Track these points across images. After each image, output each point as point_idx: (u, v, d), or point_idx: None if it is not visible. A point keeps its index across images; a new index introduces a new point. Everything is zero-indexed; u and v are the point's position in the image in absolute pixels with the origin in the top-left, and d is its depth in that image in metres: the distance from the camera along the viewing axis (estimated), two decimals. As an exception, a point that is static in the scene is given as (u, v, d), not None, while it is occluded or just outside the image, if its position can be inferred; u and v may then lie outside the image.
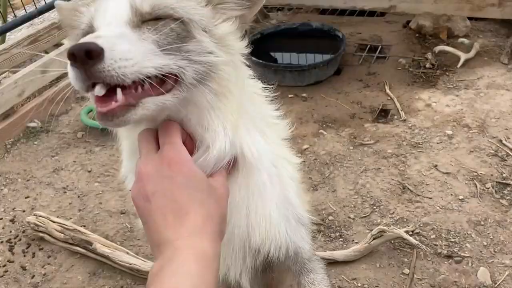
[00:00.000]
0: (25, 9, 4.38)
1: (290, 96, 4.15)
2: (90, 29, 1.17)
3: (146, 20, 1.13)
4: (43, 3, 4.50)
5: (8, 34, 4.43)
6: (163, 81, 1.08)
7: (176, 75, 1.11)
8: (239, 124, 1.24)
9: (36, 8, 4.29)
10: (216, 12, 1.23)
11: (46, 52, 4.49)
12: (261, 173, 1.33)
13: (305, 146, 3.55)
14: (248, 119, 1.28)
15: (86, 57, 0.96)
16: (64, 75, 3.78)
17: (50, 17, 4.64)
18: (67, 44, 4.50)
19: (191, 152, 1.17)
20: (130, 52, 1.02)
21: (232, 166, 1.24)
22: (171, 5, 1.15)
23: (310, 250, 1.48)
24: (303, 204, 1.48)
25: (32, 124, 4.14)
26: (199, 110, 1.18)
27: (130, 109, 1.04)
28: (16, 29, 4.40)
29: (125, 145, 1.33)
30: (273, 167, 1.37)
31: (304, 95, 4.18)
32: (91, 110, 4.03)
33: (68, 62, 1.00)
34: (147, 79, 1.03)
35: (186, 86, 1.13)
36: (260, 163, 1.32)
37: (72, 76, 1.01)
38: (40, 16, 4.41)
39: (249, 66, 1.34)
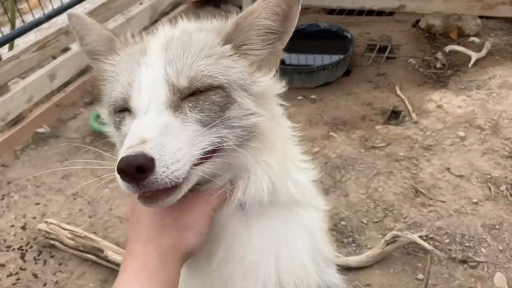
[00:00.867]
0: (32, 13, 4.37)
1: (299, 98, 4.12)
2: (125, 104, 1.14)
3: (185, 97, 1.10)
4: (50, 8, 4.49)
5: (16, 39, 4.43)
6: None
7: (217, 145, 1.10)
8: (279, 168, 1.21)
9: (44, 13, 4.28)
10: (250, 62, 1.18)
11: (54, 57, 4.48)
12: (291, 219, 1.30)
13: (315, 149, 3.52)
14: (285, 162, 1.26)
15: (137, 172, 0.95)
16: (71, 80, 3.72)
17: (57, 22, 4.62)
18: (75, 49, 4.50)
19: None
20: (180, 151, 1.01)
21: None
22: (208, 72, 1.11)
23: (339, 283, 1.43)
24: (329, 244, 1.43)
25: (40, 130, 4.14)
26: (240, 168, 1.17)
27: (174, 190, 1.03)
28: (24, 34, 4.39)
29: None
30: (302, 213, 1.33)
31: (313, 97, 4.15)
32: (100, 115, 4.02)
33: (117, 174, 0.98)
34: None
35: (226, 151, 1.12)
36: (290, 208, 1.29)
37: (123, 185, 1.01)
38: (48, 21, 4.39)
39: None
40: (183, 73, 1.10)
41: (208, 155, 1.09)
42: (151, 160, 0.96)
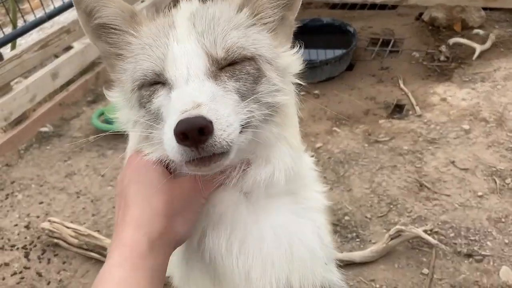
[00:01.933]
0: (34, 13, 4.38)
1: (301, 93, 4.08)
2: (157, 77, 1.13)
3: (223, 67, 1.11)
4: (52, 7, 4.50)
5: (18, 39, 4.43)
6: None
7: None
8: (296, 146, 1.24)
9: (45, 13, 4.28)
10: (272, 35, 1.21)
11: (56, 56, 4.48)
12: (299, 208, 1.30)
13: (318, 145, 3.50)
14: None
15: (199, 134, 0.95)
16: (74, 79, 3.72)
17: (59, 21, 4.62)
18: (77, 47, 4.50)
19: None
20: (230, 116, 1.02)
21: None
22: (242, 44, 1.13)
23: (338, 281, 1.42)
24: (330, 237, 1.43)
25: (44, 129, 4.14)
26: (264, 143, 1.18)
27: (224, 155, 1.03)
28: (26, 34, 4.39)
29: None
30: (308, 197, 1.33)
31: (316, 92, 4.13)
32: (102, 113, 4.02)
33: (173, 139, 0.97)
34: None
35: (254, 127, 1.13)
36: (296, 193, 1.30)
37: (178, 151, 0.99)
38: (49, 20, 4.39)
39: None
40: (219, 44, 1.11)
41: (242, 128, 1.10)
42: (210, 123, 0.96)
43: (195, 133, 0.94)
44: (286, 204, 1.28)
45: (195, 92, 1.04)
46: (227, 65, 1.11)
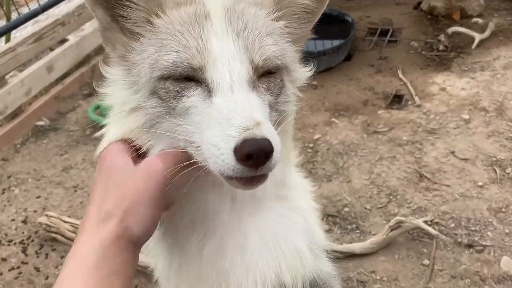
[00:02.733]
0: (28, 6, 4.33)
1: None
2: (194, 75, 1.02)
3: (259, 76, 1.06)
4: (46, -1, 4.44)
5: (13, 32, 4.38)
6: None
7: None
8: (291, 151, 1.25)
9: (39, 5, 4.23)
10: (292, 45, 1.17)
11: (51, 49, 4.43)
12: (287, 207, 1.28)
13: (316, 136, 3.47)
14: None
15: (264, 158, 0.93)
16: (70, 72, 3.65)
17: (54, 13, 4.57)
18: (72, 40, 4.45)
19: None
20: (277, 136, 0.98)
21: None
22: (276, 53, 1.08)
23: (329, 272, 1.39)
24: (321, 230, 1.41)
25: (40, 123, 4.10)
26: None
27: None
28: (21, 26, 4.34)
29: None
30: (296, 197, 1.31)
31: (314, 83, 4.09)
32: (98, 107, 3.98)
33: (231, 155, 0.93)
34: None
35: None
36: (284, 196, 1.27)
37: (233, 169, 0.94)
38: (44, 13, 4.34)
39: None
40: (257, 50, 1.05)
41: None
42: (272, 146, 0.94)
43: (262, 156, 0.92)
44: (273, 207, 1.25)
45: (248, 106, 0.98)
46: (262, 75, 1.07)
